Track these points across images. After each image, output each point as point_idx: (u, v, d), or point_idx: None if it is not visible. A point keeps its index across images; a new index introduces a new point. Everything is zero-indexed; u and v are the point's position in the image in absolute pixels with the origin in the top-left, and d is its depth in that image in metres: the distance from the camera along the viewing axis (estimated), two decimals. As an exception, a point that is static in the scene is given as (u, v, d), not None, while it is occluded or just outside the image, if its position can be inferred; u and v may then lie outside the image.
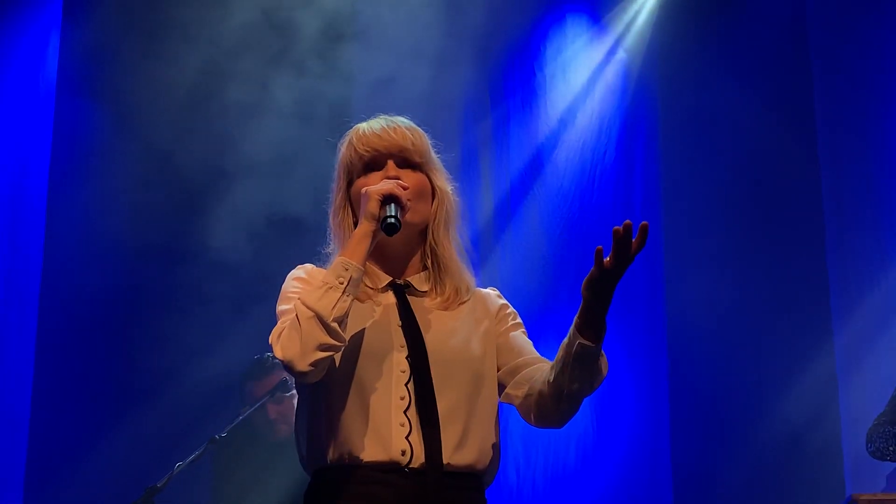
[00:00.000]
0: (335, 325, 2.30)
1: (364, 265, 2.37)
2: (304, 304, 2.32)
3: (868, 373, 5.55)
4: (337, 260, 2.37)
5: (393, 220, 2.37)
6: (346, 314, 2.32)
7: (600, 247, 2.28)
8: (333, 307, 2.30)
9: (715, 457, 5.74)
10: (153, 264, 5.71)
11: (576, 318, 2.35)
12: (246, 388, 5.10)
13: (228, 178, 5.70)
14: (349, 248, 2.38)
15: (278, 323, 2.39)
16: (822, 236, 5.87)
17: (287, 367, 2.32)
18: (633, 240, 2.27)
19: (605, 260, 2.28)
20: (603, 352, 2.37)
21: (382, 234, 2.39)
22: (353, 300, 2.34)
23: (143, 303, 5.72)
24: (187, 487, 5.01)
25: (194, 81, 5.68)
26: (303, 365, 2.30)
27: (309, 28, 5.78)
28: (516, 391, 2.51)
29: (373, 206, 2.38)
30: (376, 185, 2.41)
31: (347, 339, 2.37)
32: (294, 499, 4.65)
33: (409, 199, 2.45)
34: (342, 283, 2.33)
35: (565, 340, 2.38)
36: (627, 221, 2.26)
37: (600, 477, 5.71)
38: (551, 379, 2.40)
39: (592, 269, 2.27)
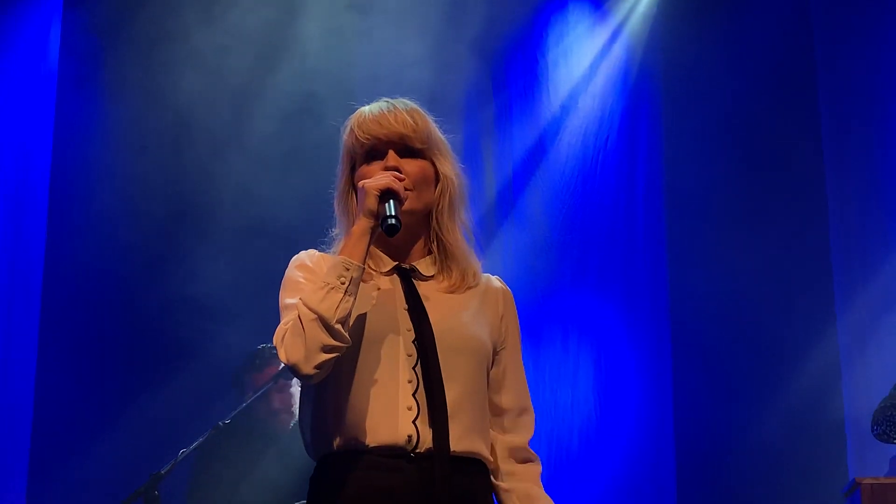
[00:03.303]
0: (338, 326, 2.29)
1: (364, 262, 2.36)
2: (306, 305, 2.31)
3: (871, 357, 5.56)
4: (337, 259, 2.35)
5: (393, 220, 2.34)
6: (349, 314, 2.32)
7: None
8: (336, 308, 2.29)
9: (719, 442, 5.74)
10: (156, 253, 5.71)
11: None
12: (245, 379, 5.11)
13: (232, 166, 5.71)
14: (348, 247, 2.36)
15: (281, 322, 2.38)
16: (825, 220, 5.86)
17: (292, 370, 2.32)
18: None
19: None
20: None
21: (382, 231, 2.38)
22: (355, 299, 2.33)
23: (145, 291, 5.72)
24: (192, 474, 5.03)
25: (198, 72, 5.68)
26: (308, 368, 2.29)
27: (311, 16, 5.78)
28: None
29: (371, 203, 2.35)
30: (373, 181, 2.38)
31: (353, 322, 2.36)
32: (284, 491, 4.67)
33: (408, 189, 2.43)
34: (344, 284, 2.31)
35: None
36: None
37: (604, 464, 5.72)
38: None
39: None
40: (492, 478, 2.50)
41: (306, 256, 2.51)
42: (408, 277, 2.50)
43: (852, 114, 5.90)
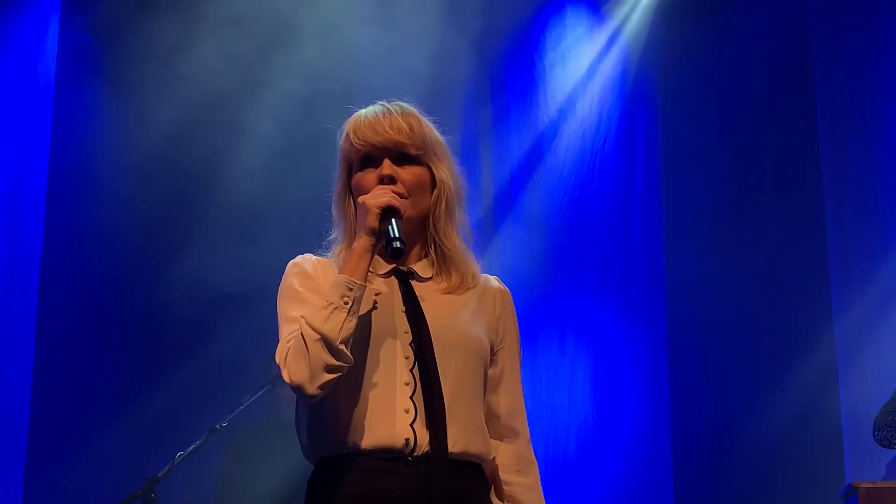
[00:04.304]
0: (342, 346, 2.30)
1: (366, 280, 2.36)
2: (309, 325, 2.31)
3: (868, 361, 5.55)
4: (339, 278, 2.34)
5: (398, 244, 2.34)
6: (353, 334, 2.32)
7: None
8: (340, 329, 2.30)
9: (715, 445, 5.74)
10: (155, 251, 5.70)
11: None
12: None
13: (229, 166, 5.70)
14: (350, 266, 2.36)
15: (282, 339, 2.38)
16: (822, 223, 5.86)
17: (296, 390, 2.32)
18: None
19: None
20: None
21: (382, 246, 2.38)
22: (358, 318, 2.33)
23: (143, 292, 5.71)
24: (188, 477, 5.02)
25: (196, 70, 5.67)
26: (312, 388, 2.30)
27: (310, 15, 5.78)
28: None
29: (372, 221, 2.35)
30: (373, 198, 2.38)
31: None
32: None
33: (404, 196, 2.42)
34: (347, 304, 2.31)
35: None
36: None
37: (601, 467, 5.72)
38: None
39: None
40: (492, 491, 2.49)
41: (304, 262, 2.50)
42: (406, 280, 2.49)
43: (849, 116, 5.90)
